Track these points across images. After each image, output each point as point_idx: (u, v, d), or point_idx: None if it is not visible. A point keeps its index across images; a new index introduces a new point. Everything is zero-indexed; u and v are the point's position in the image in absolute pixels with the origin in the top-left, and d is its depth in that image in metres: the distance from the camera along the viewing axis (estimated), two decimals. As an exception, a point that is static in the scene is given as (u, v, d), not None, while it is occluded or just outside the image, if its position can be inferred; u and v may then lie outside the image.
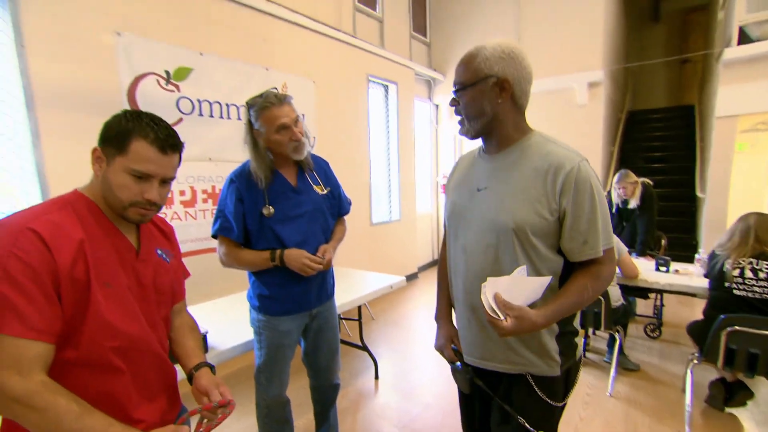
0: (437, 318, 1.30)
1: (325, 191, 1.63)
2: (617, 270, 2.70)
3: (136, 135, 0.85)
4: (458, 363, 1.16)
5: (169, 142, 0.88)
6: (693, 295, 2.54)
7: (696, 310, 3.91)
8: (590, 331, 3.12)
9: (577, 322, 1.11)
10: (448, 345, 1.21)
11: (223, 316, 2.09)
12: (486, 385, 1.13)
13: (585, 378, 2.67)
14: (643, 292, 2.97)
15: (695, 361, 2.19)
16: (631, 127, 7.00)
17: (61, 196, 0.87)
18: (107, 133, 0.86)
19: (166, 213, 2.64)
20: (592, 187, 0.96)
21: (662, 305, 3.32)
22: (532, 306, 0.94)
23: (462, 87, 1.02)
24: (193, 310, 2.13)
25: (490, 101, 1.00)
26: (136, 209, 0.88)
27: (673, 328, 3.46)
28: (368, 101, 4.45)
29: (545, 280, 0.94)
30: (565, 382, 1.08)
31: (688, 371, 2.20)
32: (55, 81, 2.20)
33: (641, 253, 3.33)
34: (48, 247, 0.75)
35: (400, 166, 5.04)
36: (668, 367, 2.78)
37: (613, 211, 3.57)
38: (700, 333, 2.19)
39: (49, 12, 2.17)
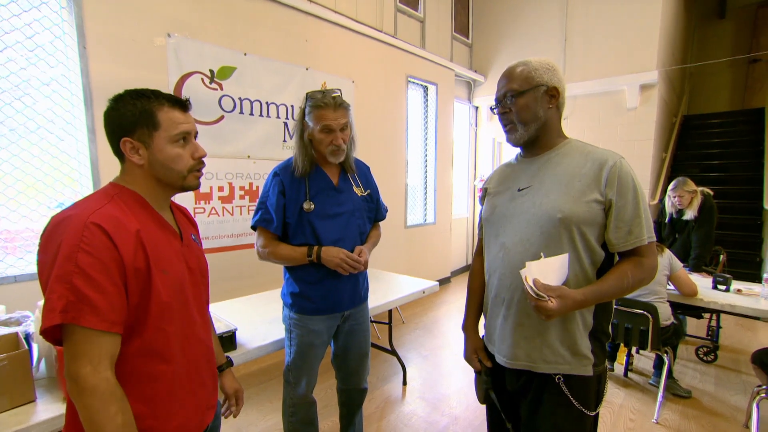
0: (464, 328, 1.33)
1: (365, 193, 1.64)
2: (672, 286, 2.50)
3: (157, 107, 0.87)
4: (480, 372, 1.24)
5: (181, 101, 0.91)
6: (756, 318, 2.30)
7: (760, 335, 3.58)
8: (633, 349, 2.90)
9: (610, 327, 1.13)
10: (475, 357, 1.27)
11: (256, 314, 2.12)
12: (518, 387, 1.14)
13: (628, 401, 2.48)
14: (698, 311, 2.74)
15: (763, 395, 1.96)
16: (687, 132, 6.54)
17: (104, 189, 0.86)
18: (126, 120, 0.86)
19: (204, 208, 2.73)
20: (634, 181, 1.02)
21: (718, 327, 3.04)
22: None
23: (515, 93, 1.08)
24: (226, 306, 2.22)
25: (542, 107, 1.07)
26: (193, 174, 0.93)
27: (731, 353, 3.17)
28: (407, 102, 4.42)
29: (564, 257, 0.99)
30: (597, 389, 1.08)
31: (754, 405, 1.98)
32: (112, 80, 2.33)
33: (695, 269, 3.07)
34: (112, 240, 0.76)
35: (437, 169, 4.96)
36: (725, 396, 2.52)
37: (665, 220, 3.34)
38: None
39: (109, 17, 2.30)
